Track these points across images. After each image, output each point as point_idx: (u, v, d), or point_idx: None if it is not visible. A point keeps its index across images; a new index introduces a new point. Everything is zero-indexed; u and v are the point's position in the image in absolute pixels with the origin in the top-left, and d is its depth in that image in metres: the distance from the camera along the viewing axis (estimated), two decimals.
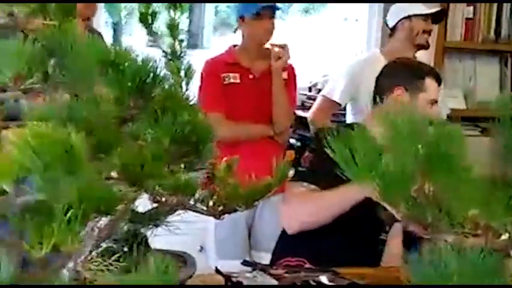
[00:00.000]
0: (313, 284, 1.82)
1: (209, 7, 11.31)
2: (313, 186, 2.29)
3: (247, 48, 3.31)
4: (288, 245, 2.43)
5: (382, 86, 2.52)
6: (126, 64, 1.07)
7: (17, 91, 0.69)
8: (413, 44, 3.45)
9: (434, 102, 2.47)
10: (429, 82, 2.46)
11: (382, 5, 4.16)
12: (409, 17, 3.47)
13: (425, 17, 3.46)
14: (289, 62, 3.33)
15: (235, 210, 1.45)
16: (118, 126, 0.94)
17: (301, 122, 3.76)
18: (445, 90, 3.71)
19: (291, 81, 3.39)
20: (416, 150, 0.63)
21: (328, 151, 1.42)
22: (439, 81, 2.51)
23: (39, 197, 0.58)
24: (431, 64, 3.89)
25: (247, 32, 3.28)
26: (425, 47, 3.49)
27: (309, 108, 3.84)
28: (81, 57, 0.76)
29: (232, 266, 2.18)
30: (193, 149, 1.20)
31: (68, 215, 0.62)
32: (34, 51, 0.69)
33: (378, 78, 2.57)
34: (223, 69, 3.27)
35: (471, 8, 4.19)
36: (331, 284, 1.84)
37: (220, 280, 1.85)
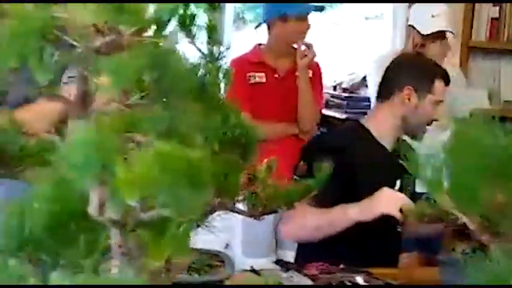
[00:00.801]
0: (349, 284, 1.83)
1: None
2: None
3: (275, 47, 3.31)
4: (310, 249, 2.42)
5: (390, 81, 2.49)
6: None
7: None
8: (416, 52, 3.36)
9: (440, 102, 2.48)
10: (438, 84, 2.46)
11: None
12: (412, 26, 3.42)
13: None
14: (314, 60, 3.32)
15: (276, 211, 1.46)
16: None
17: (327, 120, 3.77)
18: (470, 90, 3.70)
19: (316, 79, 3.39)
20: (488, 160, 0.64)
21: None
22: (447, 82, 2.50)
23: (164, 212, 0.60)
24: (457, 64, 3.88)
25: (284, 31, 3.24)
26: None
27: (333, 106, 3.84)
28: (176, 71, 0.77)
29: (260, 264, 2.19)
30: (242, 151, 1.20)
31: (181, 228, 0.64)
32: (138, 68, 0.70)
33: (386, 71, 2.54)
34: (249, 69, 3.27)
35: (497, 8, 4.17)
36: (366, 284, 1.84)
37: (256, 280, 1.86)
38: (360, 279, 1.85)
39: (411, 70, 2.49)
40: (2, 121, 0.80)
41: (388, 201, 2.09)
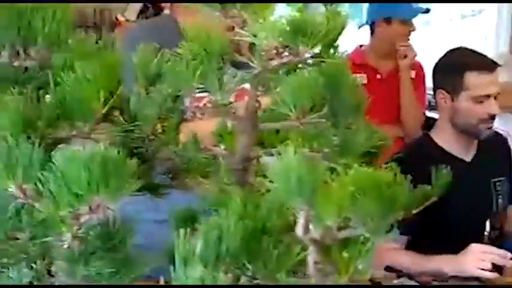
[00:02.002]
0: None
1: None
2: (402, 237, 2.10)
3: (377, 48, 3.28)
4: None
5: (433, 87, 2.37)
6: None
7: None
8: None
9: (486, 97, 2.19)
10: (471, 77, 2.19)
11: None
12: None
13: None
14: (416, 60, 3.27)
15: None
16: None
17: (430, 123, 3.69)
18: None
19: (419, 80, 3.33)
20: None
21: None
22: (486, 69, 2.20)
23: (360, 232, 0.62)
24: None
25: (387, 33, 3.20)
26: None
27: (436, 108, 3.75)
28: (351, 87, 0.79)
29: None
30: (372, 159, 1.19)
31: (368, 245, 0.65)
32: (316, 85, 0.72)
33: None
34: (351, 70, 3.24)
35: None
36: None
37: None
38: None
39: (439, 71, 2.33)
40: (184, 138, 0.84)
41: (476, 263, 1.90)
